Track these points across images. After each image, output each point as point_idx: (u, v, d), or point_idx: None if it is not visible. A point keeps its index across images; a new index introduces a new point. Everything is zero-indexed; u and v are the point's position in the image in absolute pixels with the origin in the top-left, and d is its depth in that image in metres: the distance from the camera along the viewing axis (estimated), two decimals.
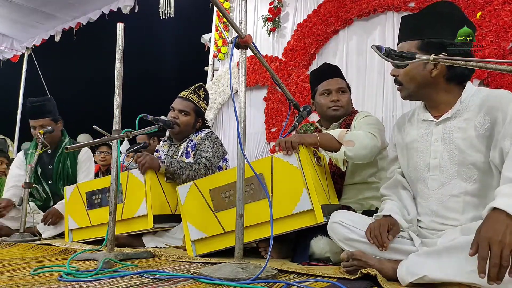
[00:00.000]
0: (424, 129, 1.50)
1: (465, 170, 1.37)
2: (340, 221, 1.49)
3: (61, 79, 7.48)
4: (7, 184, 2.96)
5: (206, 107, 2.68)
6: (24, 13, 5.42)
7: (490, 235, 1.04)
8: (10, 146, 6.84)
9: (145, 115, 2.16)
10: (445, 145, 1.42)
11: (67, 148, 1.64)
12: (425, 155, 1.47)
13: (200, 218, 1.85)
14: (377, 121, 2.00)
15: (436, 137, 1.45)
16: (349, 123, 2.07)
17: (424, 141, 1.48)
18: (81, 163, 3.02)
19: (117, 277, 1.36)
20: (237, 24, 1.50)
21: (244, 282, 1.26)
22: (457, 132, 1.39)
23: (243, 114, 1.50)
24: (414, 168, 1.50)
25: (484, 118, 1.34)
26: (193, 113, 2.55)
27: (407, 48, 1.44)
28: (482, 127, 1.34)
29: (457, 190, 1.38)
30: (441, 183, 1.41)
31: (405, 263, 1.27)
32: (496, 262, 1.01)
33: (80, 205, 2.36)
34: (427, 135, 1.48)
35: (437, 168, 1.43)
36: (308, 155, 1.74)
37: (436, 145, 1.44)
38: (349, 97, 2.15)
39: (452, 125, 1.42)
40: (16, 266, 1.58)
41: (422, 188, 1.47)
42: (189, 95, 2.57)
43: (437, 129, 1.45)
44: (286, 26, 4.49)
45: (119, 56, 1.85)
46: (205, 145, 2.46)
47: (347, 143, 1.77)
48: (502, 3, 2.93)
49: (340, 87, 2.11)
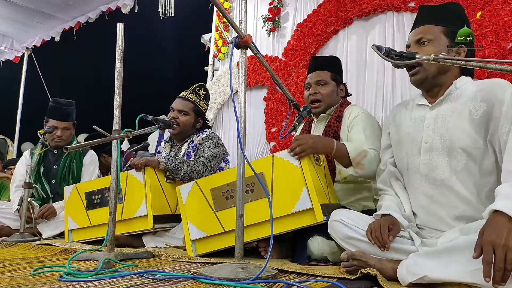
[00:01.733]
0: (418, 114, 1.52)
1: (455, 154, 1.37)
2: (341, 219, 1.49)
3: (61, 79, 7.48)
4: (13, 183, 3.00)
5: (207, 107, 2.67)
6: (24, 13, 5.41)
7: (493, 239, 1.04)
8: (10, 146, 6.84)
9: (145, 115, 2.16)
10: (436, 129, 1.43)
11: (67, 148, 1.64)
12: (417, 140, 1.48)
13: (201, 218, 1.85)
14: (373, 123, 1.98)
15: (428, 121, 1.46)
16: (340, 115, 2.05)
17: (417, 126, 1.50)
18: (86, 166, 3.05)
19: (117, 277, 1.36)
20: (237, 24, 1.50)
21: (244, 282, 1.26)
22: (450, 116, 1.41)
23: (243, 114, 1.50)
24: (406, 154, 1.51)
25: (479, 104, 1.35)
26: (192, 113, 2.55)
27: (431, 31, 1.47)
28: (477, 112, 1.35)
29: (446, 175, 1.38)
30: (432, 168, 1.42)
31: (405, 263, 1.27)
32: (501, 266, 1.02)
33: (80, 205, 2.36)
34: (420, 120, 1.50)
35: (428, 152, 1.44)
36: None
37: (428, 129, 1.45)
38: (332, 89, 2.09)
39: (446, 109, 1.43)
40: (16, 266, 1.58)
41: (415, 173, 1.47)
42: (188, 95, 2.57)
43: (430, 113, 1.48)
44: (286, 26, 4.49)
45: (119, 56, 1.85)
46: (205, 145, 2.46)
47: (357, 166, 1.77)
48: (502, 3, 2.93)
49: (319, 79, 2.09)
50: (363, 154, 1.77)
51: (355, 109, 2.05)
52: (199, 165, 2.32)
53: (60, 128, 2.94)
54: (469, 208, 1.35)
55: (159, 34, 8.08)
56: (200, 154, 2.42)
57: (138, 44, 6.24)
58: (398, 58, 1.31)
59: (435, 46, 1.45)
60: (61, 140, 2.94)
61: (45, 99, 5.91)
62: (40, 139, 2.77)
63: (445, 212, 1.39)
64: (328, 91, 2.08)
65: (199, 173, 2.30)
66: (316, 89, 2.08)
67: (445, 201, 1.40)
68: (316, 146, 1.72)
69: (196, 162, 2.34)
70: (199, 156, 2.41)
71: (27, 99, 6.71)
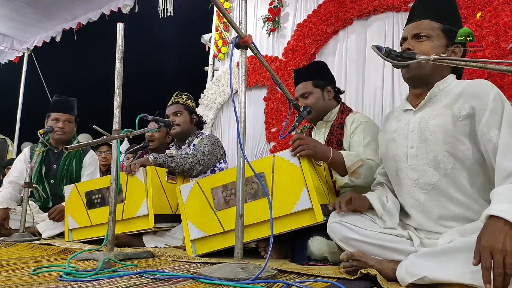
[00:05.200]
0: (404, 119, 1.52)
1: (442, 158, 1.37)
2: (340, 220, 1.49)
3: (61, 79, 7.48)
4: (8, 176, 2.97)
5: (194, 105, 2.85)
6: (25, 13, 5.41)
7: (491, 244, 1.04)
8: (10, 146, 6.84)
9: (145, 115, 2.17)
10: (420, 133, 1.42)
11: (67, 148, 1.64)
12: (403, 145, 1.48)
13: (201, 217, 1.85)
14: (374, 131, 1.94)
15: (413, 125, 1.46)
16: (342, 122, 2.05)
17: (402, 131, 1.50)
18: (86, 166, 3.04)
19: (116, 277, 1.36)
20: (237, 24, 1.50)
21: (244, 282, 1.26)
22: (433, 119, 1.40)
23: (243, 114, 1.50)
24: (394, 160, 1.51)
25: (462, 106, 1.34)
26: (185, 111, 2.74)
27: (428, 27, 1.46)
28: (460, 114, 1.34)
29: (436, 179, 1.38)
30: (420, 173, 1.42)
31: (404, 264, 1.28)
32: (500, 271, 1.02)
33: (80, 204, 2.36)
34: (405, 124, 1.50)
35: (414, 157, 1.43)
36: None
37: (413, 133, 1.45)
38: (317, 96, 2.12)
39: (429, 112, 1.43)
40: (15, 266, 1.58)
41: (404, 179, 1.48)
42: (174, 100, 2.78)
43: (414, 117, 1.47)
44: (286, 26, 4.49)
45: (119, 56, 1.85)
46: (202, 142, 2.59)
47: (353, 175, 1.78)
48: (502, 3, 2.92)
49: (302, 92, 2.15)
50: (359, 164, 1.79)
51: (358, 117, 2.04)
52: (191, 157, 2.41)
53: (62, 120, 2.93)
54: (462, 209, 1.35)
55: (159, 34, 8.08)
56: (195, 149, 2.54)
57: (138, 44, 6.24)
58: (398, 58, 1.31)
59: (433, 43, 1.45)
60: (63, 132, 2.93)
61: (45, 99, 5.91)
62: (40, 139, 2.76)
63: (438, 214, 1.39)
64: (313, 100, 2.11)
65: (192, 165, 2.39)
66: (303, 102, 2.14)
67: (437, 204, 1.39)
68: (315, 150, 1.73)
69: (188, 155, 2.43)
70: (194, 150, 2.53)
71: (27, 99, 6.71)
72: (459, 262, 1.15)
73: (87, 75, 8.32)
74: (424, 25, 1.48)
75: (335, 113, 2.13)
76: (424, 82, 1.48)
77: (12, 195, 2.82)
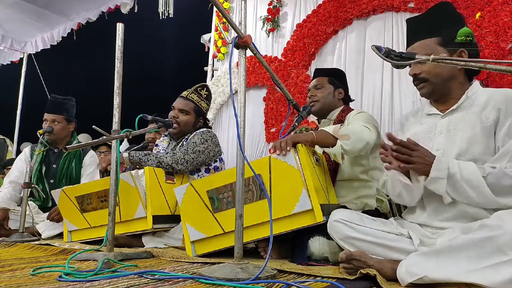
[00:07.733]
0: (428, 123, 1.55)
1: (465, 160, 1.38)
2: (341, 219, 1.49)
3: (61, 79, 7.47)
4: (9, 176, 2.96)
5: (208, 107, 2.68)
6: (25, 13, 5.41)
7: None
8: (9, 146, 6.84)
9: (145, 115, 2.16)
10: (448, 137, 1.45)
11: (66, 148, 1.64)
12: (427, 147, 1.47)
13: (199, 219, 1.85)
14: (370, 117, 2.06)
15: (440, 129, 1.49)
16: (342, 119, 2.11)
17: (428, 134, 1.52)
18: (86, 166, 3.03)
19: (116, 277, 1.36)
20: (236, 24, 1.50)
21: (244, 282, 1.26)
22: (462, 124, 1.44)
23: (243, 114, 1.50)
24: None
25: (490, 112, 1.39)
26: (193, 113, 2.56)
27: (426, 47, 1.48)
28: (488, 120, 1.38)
29: None
30: None
31: (404, 263, 1.27)
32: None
33: (74, 209, 2.35)
34: (432, 128, 1.52)
35: None
36: (307, 155, 1.74)
37: (440, 136, 1.48)
38: (329, 91, 2.25)
39: (457, 117, 1.46)
40: (15, 266, 1.58)
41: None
42: (190, 95, 2.58)
43: (442, 121, 1.50)
44: (285, 26, 4.48)
45: (119, 56, 1.85)
46: (191, 141, 2.45)
47: (342, 137, 1.79)
48: (502, 3, 2.93)
49: (316, 84, 2.29)
50: (339, 126, 1.85)
51: (355, 110, 2.15)
52: (168, 157, 2.34)
53: (49, 121, 2.90)
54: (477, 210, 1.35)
55: (159, 34, 8.07)
56: (181, 146, 2.44)
57: (138, 44, 6.24)
58: (397, 58, 1.31)
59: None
60: (50, 134, 2.88)
61: (44, 99, 5.88)
62: (40, 139, 2.76)
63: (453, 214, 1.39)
64: (324, 93, 2.25)
65: (168, 165, 2.32)
66: (314, 92, 2.27)
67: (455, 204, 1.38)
68: (296, 136, 1.76)
69: (166, 155, 2.36)
70: (180, 147, 2.42)
71: (26, 99, 6.70)
72: (460, 260, 1.15)
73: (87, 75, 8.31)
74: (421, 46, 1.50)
75: (338, 112, 2.21)
76: (441, 95, 1.53)
77: (11, 195, 2.82)
